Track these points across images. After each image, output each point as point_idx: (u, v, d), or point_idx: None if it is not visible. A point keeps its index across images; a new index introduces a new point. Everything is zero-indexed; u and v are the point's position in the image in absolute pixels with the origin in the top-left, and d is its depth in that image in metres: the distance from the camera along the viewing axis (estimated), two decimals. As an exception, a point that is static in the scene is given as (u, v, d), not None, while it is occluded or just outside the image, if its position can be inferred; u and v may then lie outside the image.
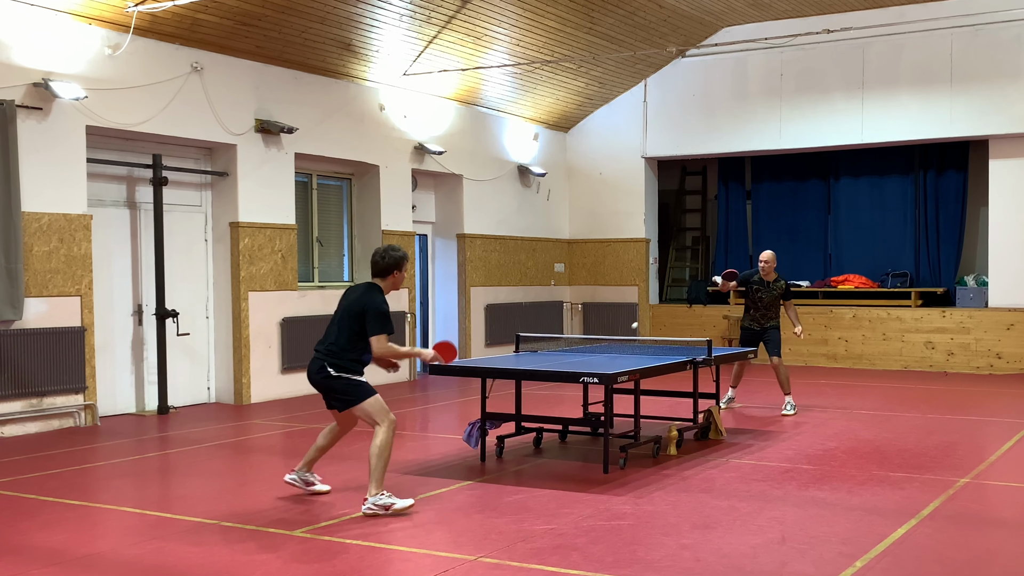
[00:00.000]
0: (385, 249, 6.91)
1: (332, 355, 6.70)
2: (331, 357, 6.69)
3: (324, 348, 6.76)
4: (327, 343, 6.77)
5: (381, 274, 6.86)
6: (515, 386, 8.88)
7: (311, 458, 7.08)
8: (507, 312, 16.59)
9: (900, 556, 5.61)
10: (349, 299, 6.86)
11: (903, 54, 15.55)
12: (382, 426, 6.59)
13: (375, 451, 6.54)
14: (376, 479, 6.50)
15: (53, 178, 10.17)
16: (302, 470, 7.06)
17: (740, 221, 18.55)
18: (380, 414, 6.65)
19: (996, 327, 15.30)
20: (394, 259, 6.82)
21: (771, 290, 11.20)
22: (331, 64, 13.08)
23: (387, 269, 6.84)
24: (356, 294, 6.84)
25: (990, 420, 10.81)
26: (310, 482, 7.06)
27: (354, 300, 6.79)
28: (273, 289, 12.50)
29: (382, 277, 6.85)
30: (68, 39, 10.27)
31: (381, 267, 6.85)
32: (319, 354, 6.76)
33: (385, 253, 6.87)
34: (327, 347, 6.75)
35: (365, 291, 6.80)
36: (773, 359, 11.10)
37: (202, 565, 5.50)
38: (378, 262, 6.86)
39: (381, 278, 6.85)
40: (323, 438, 7.11)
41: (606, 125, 17.96)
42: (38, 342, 9.97)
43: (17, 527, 6.33)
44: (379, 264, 6.85)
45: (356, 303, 6.74)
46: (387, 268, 6.84)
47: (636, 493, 7.16)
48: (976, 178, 16.39)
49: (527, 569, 5.37)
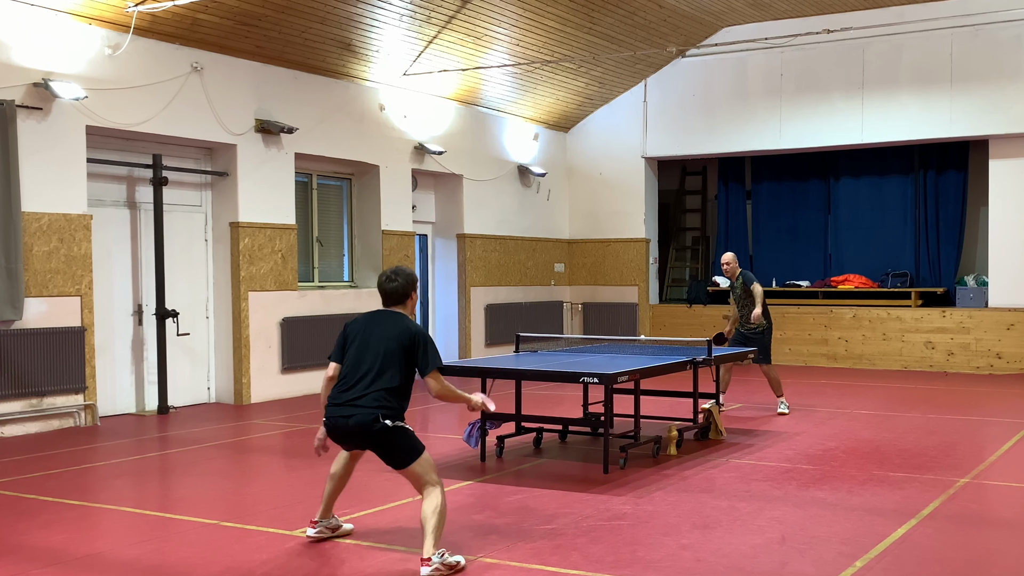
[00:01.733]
0: (394, 271, 5.83)
1: (383, 405, 5.47)
2: (383, 407, 5.46)
3: (372, 394, 5.48)
4: (371, 386, 5.50)
5: (400, 300, 5.79)
6: (515, 386, 8.88)
7: (329, 500, 6.03)
8: (507, 312, 16.59)
9: (900, 556, 5.61)
10: (380, 333, 5.64)
11: (903, 54, 15.55)
12: (435, 487, 5.47)
13: (435, 511, 5.38)
14: (436, 538, 5.36)
15: (53, 178, 10.17)
16: (324, 518, 6.03)
17: (740, 221, 18.55)
18: (432, 472, 5.53)
19: (996, 327, 15.30)
20: (409, 280, 5.81)
21: (735, 289, 11.18)
22: (331, 64, 13.08)
23: (405, 292, 5.79)
24: (390, 325, 5.67)
25: (990, 420, 10.81)
26: (335, 526, 6.06)
27: (394, 332, 5.61)
28: (273, 289, 12.50)
29: (401, 304, 5.81)
30: (68, 39, 10.27)
31: (400, 292, 5.78)
32: (362, 402, 5.47)
33: (396, 275, 5.80)
34: (376, 393, 5.48)
35: (401, 320, 5.70)
36: (762, 366, 11.07)
37: (202, 565, 5.49)
38: (396, 288, 5.77)
39: (400, 305, 5.81)
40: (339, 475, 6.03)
41: (606, 125, 17.96)
42: (38, 342, 9.97)
43: (17, 527, 6.33)
44: (397, 290, 5.77)
45: (402, 335, 5.59)
46: (405, 291, 5.79)
47: (636, 493, 7.16)
48: (976, 178, 16.39)
49: (527, 569, 5.37)
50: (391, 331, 5.62)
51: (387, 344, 5.57)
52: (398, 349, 5.55)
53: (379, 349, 5.56)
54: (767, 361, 11.02)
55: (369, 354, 5.58)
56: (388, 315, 5.76)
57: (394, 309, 5.80)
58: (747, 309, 11.07)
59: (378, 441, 5.49)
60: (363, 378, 5.53)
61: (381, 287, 5.82)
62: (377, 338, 5.61)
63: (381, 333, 5.63)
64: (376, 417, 5.43)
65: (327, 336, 13.14)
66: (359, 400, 5.48)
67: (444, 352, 15.92)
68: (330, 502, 6.01)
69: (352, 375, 5.58)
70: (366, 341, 5.64)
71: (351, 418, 5.47)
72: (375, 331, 5.66)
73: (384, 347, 5.56)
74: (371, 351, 5.58)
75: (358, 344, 5.66)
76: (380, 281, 5.83)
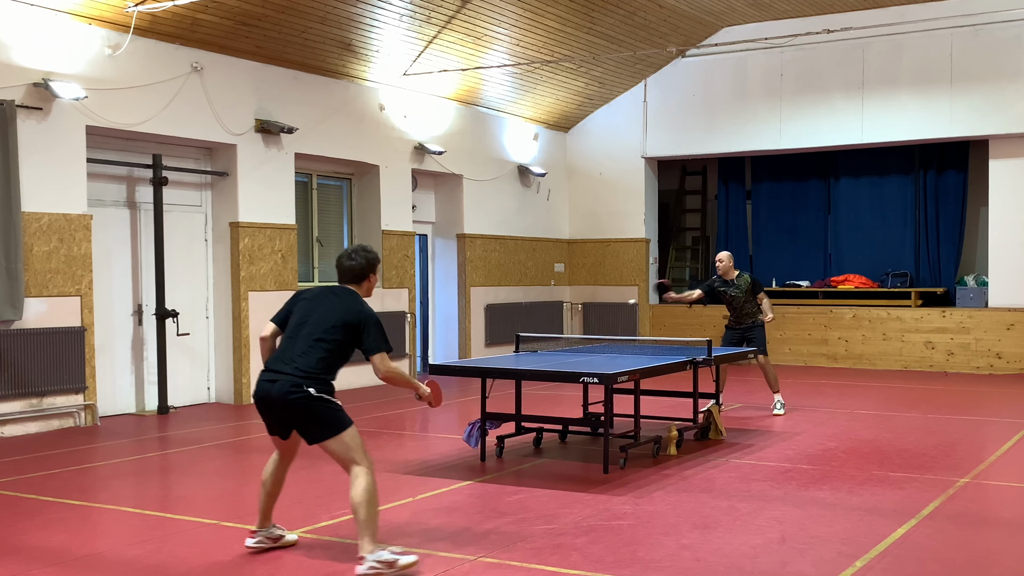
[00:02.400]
0: (355, 249, 5.74)
1: (310, 374, 5.38)
2: (309, 376, 5.38)
3: (296, 365, 5.40)
4: (301, 356, 5.42)
5: (356, 279, 5.70)
6: (515, 386, 8.88)
7: (266, 509, 5.79)
8: (507, 312, 16.59)
9: (900, 556, 5.61)
10: (326, 306, 5.56)
11: (903, 54, 15.55)
12: (362, 466, 5.34)
13: (362, 499, 5.26)
14: (370, 533, 5.25)
15: (53, 178, 10.17)
16: (263, 528, 5.78)
17: (740, 221, 18.55)
18: (360, 451, 5.39)
19: (996, 327, 15.30)
20: (369, 260, 5.71)
21: (737, 287, 11.13)
22: (331, 64, 13.08)
23: (362, 273, 5.70)
24: (337, 300, 5.58)
25: (990, 420, 10.81)
26: (277, 536, 5.79)
27: (339, 308, 5.53)
28: (273, 289, 12.50)
29: (357, 283, 5.71)
30: (68, 39, 10.27)
31: (356, 271, 5.69)
32: (287, 371, 5.38)
33: (356, 254, 5.71)
34: (301, 364, 5.40)
35: (351, 298, 5.60)
36: (759, 357, 10.99)
37: (202, 565, 5.49)
38: (352, 267, 5.68)
39: (356, 284, 5.71)
40: (270, 483, 5.78)
41: (606, 125, 17.96)
42: (38, 342, 9.97)
43: (17, 527, 6.32)
44: (354, 268, 5.68)
45: (346, 312, 5.50)
46: (362, 271, 5.70)
47: (636, 493, 7.16)
48: (976, 178, 16.39)
49: (527, 569, 5.37)
50: (337, 307, 5.52)
51: (330, 318, 5.47)
52: (340, 326, 5.45)
53: (320, 322, 5.47)
54: (764, 352, 10.98)
55: (308, 326, 5.49)
56: (340, 291, 5.65)
57: (349, 287, 5.68)
58: (746, 309, 11.06)
59: (298, 409, 5.35)
60: (296, 347, 5.45)
61: (339, 263, 5.73)
62: (322, 311, 5.52)
63: (327, 307, 5.54)
64: (299, 385, 5.32)
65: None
66: (286, 368, 5.40)
67: (444, 352, 15.95)
68: (266, 511, 5.77)
69: (288, 343, 5.51)
70: (309, 312, 5.55)
71: (275, 383, 5.39)
72: (322, 304, 5.57)
73: (325, 321, 5.46)
74: (311, 323, 5.49)
75: (301, 314, 5.58)
76: (340, 257, 5.74)
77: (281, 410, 5.42)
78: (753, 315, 11.06)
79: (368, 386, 13.76)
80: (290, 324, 5.60)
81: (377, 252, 5.79)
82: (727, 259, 11.22)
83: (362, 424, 10.49)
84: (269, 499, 5.77)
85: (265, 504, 5.76)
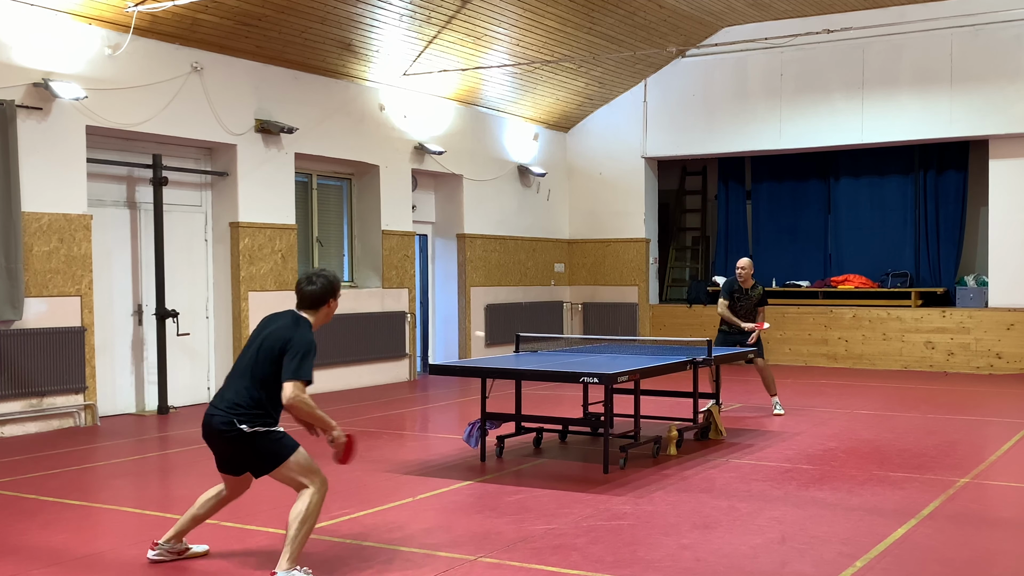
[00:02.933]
0: (315, 273, 5.42)
1: (239, 409, 5.15)
2: (240, 411, 5.15)
3: (227, 399, 5.20)
4: (234, 387, 5.23)
5: (313, 305, 5.38)
6: (515, 386, 8.88)
7: (183, 529, 5.56)
8: (507, 312, 16.59)
9: (900, 556, 5.61)
10: (265, 333, 5.30)
11: (903, 54, 15.56)
12: (311, 488, 5.17)
13: (299, 517, 5.09)
14: (293, 552, 5.05)
15: (53, 178, 10.17)
16: (169, 542, 5.53)
17: (740, 221, 18.55)
18: (308, 473, 5.21)
19: (996, 327, 15.30)
20: (329, 284, 5.39)
21: (749, 297, 11.16)
22: (331, 64, 13.08)
23: (321, 298, 5.38)
24: (276, 327, 5.30)
25: (990, 420, 10.81)
26: (182, 550, 5.57)
27: (273, 334, 5.24)
28: (273, 289, 12.50)
29: (314, 308, 5.39)
30: (68, 39, 10.27)
31: (316, 296, 5.37)
32: (222, 404, 5.20)
33: (316, 277, 5.39)
34: (231, 398, 5.20)
35: (292, 322, 5.30)
36: (757, 360, 11.02)
37: (202, 565, 5.49)
38: (313, 292, 5.35)
39: (313, 310, 5.39)
40: (203, 507, 5.57)
41: (606, 125, 17.96)
42: (38, 342, 9.97)
43: (17, 527, 6.33)
44: (314, 293, 5.36)
45: (282, 336, 5.20)
46: (321, 296, 5.38)
47: (636, 493, 7.16)
48: (976, 178, 16.39)
49: (527, 569, 5.37)
50: (277, 332, 5.24)
51: (267, 344, 5.21)
52: (277, 351, 5.16)
53: (258, 350, 5.23)
54: (761, 355, 11.00)
55: (248, 353, 5.29)
56: (289, 316, 5.37)
57: (302, 312, 5.38)
58: (751, 316, 11.10)
59: (237, 447, 5.19)
60: (233, 377, 5.29)
61: (299, 288, 5.43)
62: (263, 338, 5.27)
63: (268, 333, 5.27)
64: (231, 422, 5.13)
65: (327, 337, 13.16)
66: (220, 403, 5.23)
67: (444, 352, 15.96)
68: (181, 531, 5.54)
69: (232, 376, 5.33)
70: (251, 341, 5.35)
71: (213, 418, 5.22)
72: (265, 330, 5.32)
73: (263, 348, 5.22)
74: (251, 350, 5.28)
75: (249, 341, 5.39)
76: (299, 280, 5.46)
77: (221, 444, 5.26)
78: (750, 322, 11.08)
79: (368, 386, 13.78)
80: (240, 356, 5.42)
81: (337, 276, 5.56)
82: (748, 267, 11.21)
83: (362, 424, 10.54)
84: (191, 521, 5.56)
85: (185, 525, 5.55)
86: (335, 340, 13.22)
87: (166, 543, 5.52)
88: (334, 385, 13.24)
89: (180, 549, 5.57)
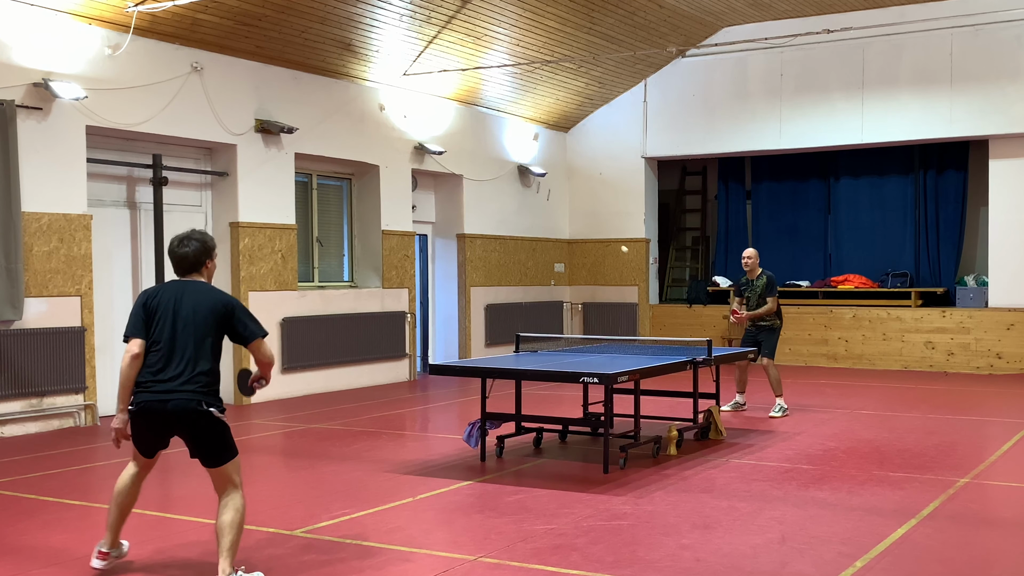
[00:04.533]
0: (188, 235, 5.31)
1: (204, 390, 5.07)
2: (206, 392, 5.07)
3: (192, 377, 5.05)
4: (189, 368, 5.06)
5: (193, 268, 5.29)
6: (515, 386, 8.88)
7: (117, 527, 5.41)
8: (507, 312, 16.59)
9: (900, 556, 5.61)
10: (189, 306, 5.14)
11: (903, 54, 15.56)
12: (240, 490, 5.14)
13: (233, 522, 5.03)
14: (231, 556, 5.01)
15: (53, 178, 10.17)
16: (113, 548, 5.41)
17: (740, 221, 18.55)
18: (239, 475, 5.18)
19: (996, 327, 15.30)
20: (204, 245, 5.30)
21: (754, 287, 11.15)
22: (331, 64, 13.08)
23: (197, 259, 5.29)
24: (197, 297, 5.18)
25: (990, 420, 10.81)
26: (122, 554, 5.50)
27: (204, 304, 5.14)
28: (273, 289, 12.50)
29: (196, 272, 5.31)
30: (68, 39, 10.27)
31: (192, 259, 5.26)
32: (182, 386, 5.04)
33: (189, 240, 5.28)
34: (197, 375, 5.06)
35: (208, 289, 5.25)
36: (763, 359, 11.00)
37: (202, 565, 5.49)
38: (187, 254, 5.25)
39: (195, 273, 5.31)
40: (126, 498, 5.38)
41: (606, 125, 17.96)
42: (38, 342, 9.97)
43: (17, 527, 6.33)
44: (188, 256, 5.25)
45: (215, 306, 5.14)
46: (198, 258, 5.29)
47: (636, 493, 7.16)
48: (976, 178, 16.39)
49: (527, 569, 5.37)
50: (202, 304, 5.13)
51: (202, 319, 5.10)
52: (213, 323, 5.11)
53: (193, 326, 5.09)
54: (771, 356, 10.99)
55: (183, 332, 5.09)
56: (193, 286, 5.23)
57: (193, 278, 5.29)
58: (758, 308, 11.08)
59: (201, 429, 5.06)
60: (180, 359, 5.07)
61: (171, 251, 5.31)
62: (187, 313, 5.11)
63: (191, 307, 5.12)
64: (200, 403, 5.02)
65: (327, 336, 13.18)
66: (178, 383, 5.03)
67: (444, 352, 15.96)
68: (117, 528, 5.40)
69: (166, 355, 5.09)
70: (176, 316, 5.12)
71: (169, 402, 5.02)
72: (184, 305, 5.14)
73: (198, 323, 5.09)
74: (185, 328, 5.09)
75: (170, 320, 5.12)
76: (171, 245, 5.32)
77: (178, 428, 5.11)
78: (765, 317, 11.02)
79: (368, 386, 13.78)
80: (158, 332, 5.15)
81: (212, 236, 5.50)
82: (752, 256, 11.19)
83: (362, 424, 10.54)
84: (122, 515, 5.41)
85: (117, 521, 5.40)
86: (335, 340, 13.23)
87: (113, 550, 5.40)
88: (334, 385, 13.24)
89: (123, 553, 5.50)
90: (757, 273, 11.17)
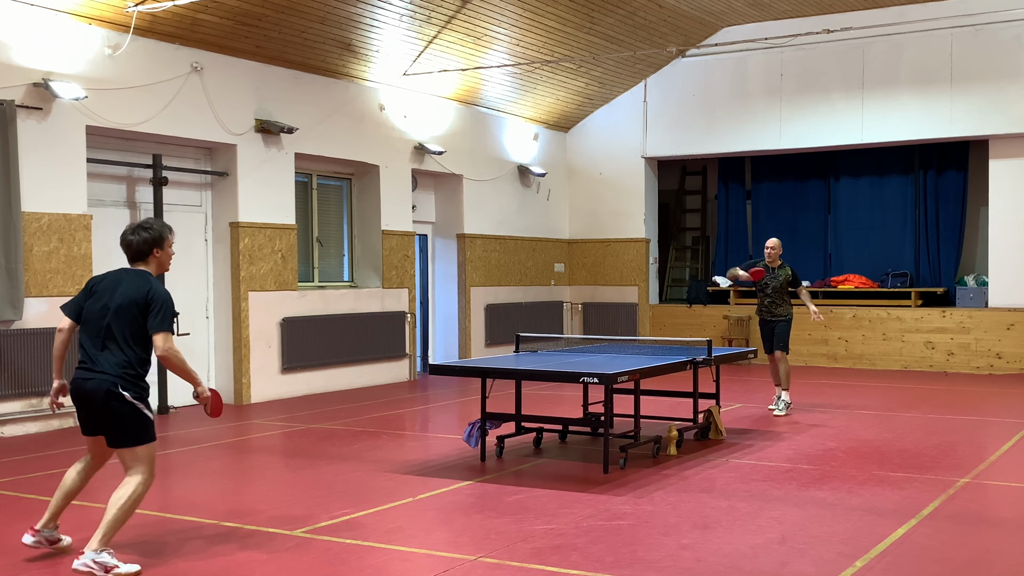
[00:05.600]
0: (138, 225, 5.55)
1: (122, 375, 5.33)
2: (123, 376, 5.33)
3: (113, 360, 5.34)
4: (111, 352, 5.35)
5: (141, 256, 5.53)
6: (515, 386, 8.88)
7: (58, 509, 5.65)
8: (507, 312, 16.59)
9: (900, 556, 5.61)
10: (119, 294, 5.38)
11: (903, 54, 15.56)
12: (143, 476, 5.35)
13: (123, 502, 5.25)
14: (107, 533, 5.21)
15: (53, 178, 10.17)
16: (47, 527, 5.65)
17: (740, 221, 18.55)
18: (150, 464, 5.40)
19: (996, 327, 15.30)
20: (152, 234, 5.51)
21: (776, 276, 11.21)
22: (331, 64, 13.08)
23: (145, 248, 5.50)
24: (126, 285, 5.41)
25: (990, 420, 10.81)
26: (55, 539, 5.68)
27: (128, 292, 5.37)
28: (273, 289, 12.50)
29: (143, 260, 5.54)
30: (68, 39, 10.27)
31: (138, 247, 5.51)
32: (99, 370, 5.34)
33: (138, 230, 5.51)
34: (111, 362, 5.34)
35: (139, 277, 5.45)
36: (776, 352, 11.08)
37: (201, 565, 5.49)
38: (133, 243, 5.50)
39: (143, 262, 5.54)
40: (74, 480, 5.67)
41: (606, 125, 17.96)
42: (38, 342, 9.96)
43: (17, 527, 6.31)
44: (133, 245, 5.51)
45: (138, 294, 5.35)
46: (147, 247, 5.50)
47: (636, 493, 7.16)
48: (976, 178, 16.39)
49: (527, 569, 5.37)
50: (130, 292, 5.37)
51: (126, 306, 5.34)
52: (136, 311, 5.32)
53: (119, 312, 5.35)
54: (785, 349, 11.06)
55: (112, 317, 5.35)
56: (133, 274, 5.48)
57: (139, 267, 5.54)
58: (780, 297, 11.14)
59: (112, 411, 5.31)
60: (107, 343, 5.36)
61: (123, 239, 5.56)
62: (118, 299, 5.36)
63: (122, 294, 5.37)
64: (115, 385, 5.29)
65: (327, 336, 13.18)
66: (98, 365, 5.34)
67: (444, 352, 15.96)
68: (56, 511, 5.63)
69: (96, 338, 5.39)
70: (107, 302, 5.39)
71: (88, 382, 5.35)
72: (117, 291, 5.40)
73: (122, 310, 5.34)
74: (111, 314, 5.36)
75: (101, 305, 5.41)
76: (123, 233, 5.57)
77: (96, 409, 5.39)
78: (781, 306, 11.08)
79: (368, 386, 13.78)
80: (89, 314, 5.45)
81: (164, 224, 5.67)
82: (776, 246, 11.35)
83: (362, 424, 10.54)
84: (65, 500, 5.64)
85: (59, 505, 5.63)
86: (335, 340, 13.23)
87: (45, 530, 5.62)
88: (334, 385, 13.24)
89: (54, 538, 5.67)
90: (779, 264, 11.25)
